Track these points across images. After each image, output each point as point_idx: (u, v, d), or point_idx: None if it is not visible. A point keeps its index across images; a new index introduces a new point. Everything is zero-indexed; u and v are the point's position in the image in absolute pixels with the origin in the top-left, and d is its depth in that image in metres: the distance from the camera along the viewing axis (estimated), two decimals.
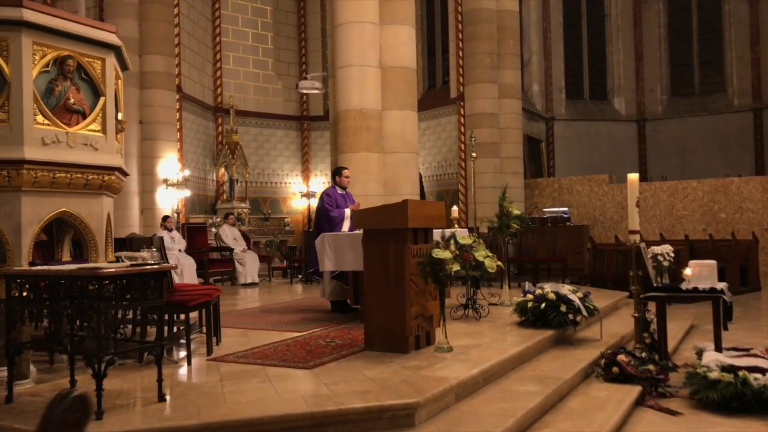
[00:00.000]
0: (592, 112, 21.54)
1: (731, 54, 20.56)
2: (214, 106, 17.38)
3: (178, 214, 14.20)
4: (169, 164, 14.28)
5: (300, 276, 12.38)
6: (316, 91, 14.71)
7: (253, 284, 11.78)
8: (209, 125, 17.17)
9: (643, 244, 6.03)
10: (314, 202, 16.09)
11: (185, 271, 10.47)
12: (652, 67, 21.56)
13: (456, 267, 4.90)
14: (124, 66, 5.52)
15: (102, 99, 4.94)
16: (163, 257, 5.28)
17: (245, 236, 12.74)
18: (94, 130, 4.89)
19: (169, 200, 14.24)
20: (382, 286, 5.00)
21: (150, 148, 14.22)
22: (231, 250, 11.75)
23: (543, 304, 5.94)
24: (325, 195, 7.51)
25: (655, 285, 5.86)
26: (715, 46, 20.93)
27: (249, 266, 11.76)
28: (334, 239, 6.49)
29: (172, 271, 10.35)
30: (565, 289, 6.11)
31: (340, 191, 7.62)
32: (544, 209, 16.11)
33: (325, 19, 15.08)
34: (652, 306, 6.00)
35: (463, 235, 6.75)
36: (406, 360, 4.72)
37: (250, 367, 4.60)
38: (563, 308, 5.90)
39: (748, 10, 20.05)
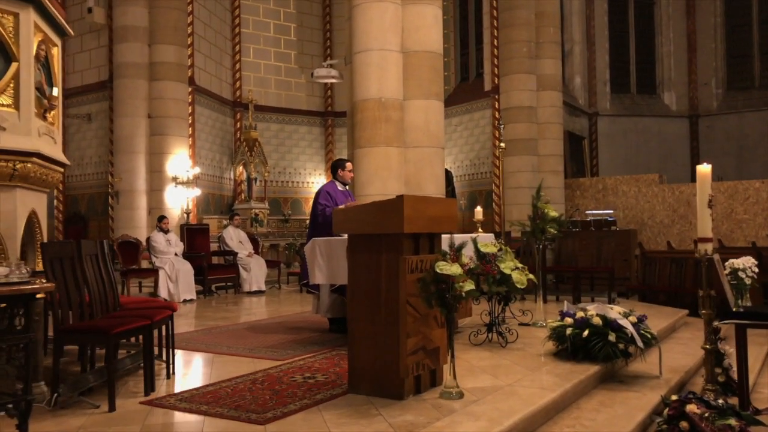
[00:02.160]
0: (639, 107, 19.90)
1: None
2: (233, 101, 16.39)
3: (188, 214, 13.21)
4: (180, 161, 13.32)
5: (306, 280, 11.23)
6: (333, 80, 13.55)
7: (259, 292, 10.67)
8: (227, 120, 16.18)
9: (716, 256, 4.69)
10: None
11: (180, 278, 9.42)
12: (707, 58, 19.81)
13: (469, 286, 3.66)
14: (59, 30, 4.42)
15: (14, 65, 3.84)
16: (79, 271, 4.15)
17: (253, 239, 11.64)
18: (1, 105, 3.79)
19: (178, 199, 13.27)
20: (370, 309, 3.79)
21: (159, 143, 13.28)
22: (235, 254, 10.67)
23: (586, 332, 4.64)
24: (324, 192, 6.29)
25: (734, 309, 4.50)
26: None
27: (255, 272, 10.65)
28: (327, 245, 5.29)
29: (166, 281, 9.41)
30: (614, 312, 4.79)
31: (341, 187, 6.40)
32: (587, 212, 14.65)
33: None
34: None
35: (485, 242, 5.49)
36: (399, 411, 3.49)
37: (188, 417, 3.44)
38: (612, 337, 4.59)
39: None
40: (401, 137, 8.74)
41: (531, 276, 5.46)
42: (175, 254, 9.75)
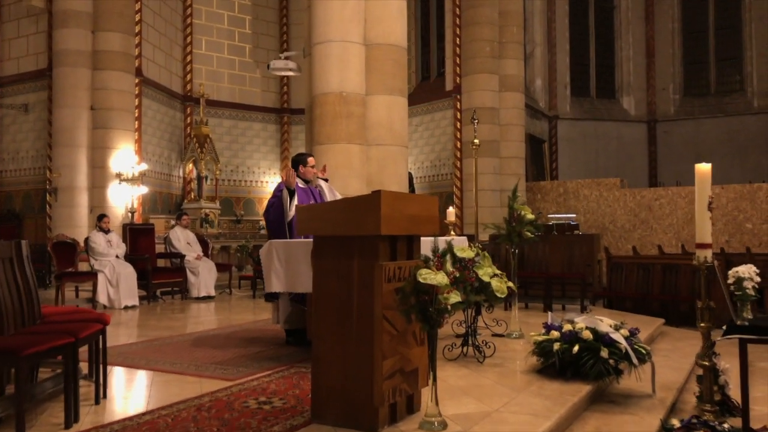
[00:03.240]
0: (599, 111, 19.84)
1: (751, 51, 18.91)
2: (183, 95, 15.55)
3: (133, 213, 12.36)
4: (125, 157, 12.46)
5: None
6: (291, 73, 12.94)
7: (207, 298, 9.93)
8: (176, 115, 15.34)
9: (716, 263, 4.29)
10: None
11: (122, 282, 8.65)
12: (665, 64, 19.88)
13: (455, 298, 3.14)
14: None
15: None
16: None
17: (202, 241, 10.89)
18: None
19: (123, 198, 12.42)
20: (339, 324, 3.23)
21: (102, 137, 12.39)
22: (182, 256, 9.92)
23: (576, 347, 4.17)
24: (277, 190, 5.66)
25: (738, 323, 4.08)
26: (734, 42, 19.28)
27: (203, 276, 9.91)
28: (285, 248, 4.70)
29: (106, 286, 8.62)
30: (605, 325, 4.34)
31: (302, 185, 5.79)
32: (549, 215, 14.37)
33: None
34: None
35: (461, 246, 4.98)
36: None
37: None
38: (604, 353, 4.13)
39: None
40: (363, 134, 8.29)
41: (510, 284, 4.97)
42: (117, 256, 8.97)
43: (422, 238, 3.65)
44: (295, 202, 5.41)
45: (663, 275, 9.74)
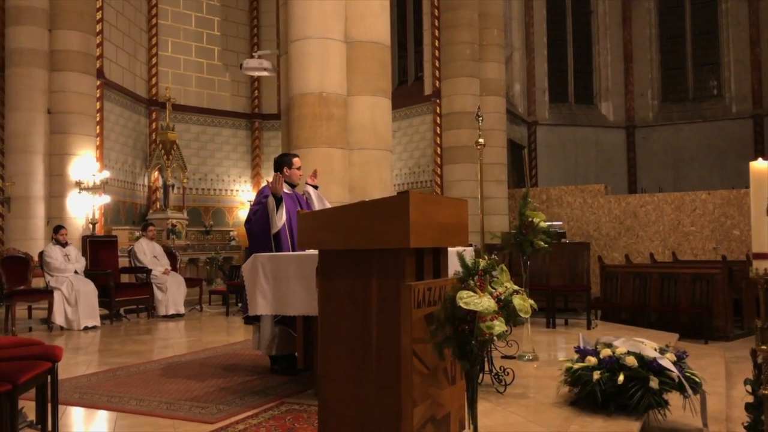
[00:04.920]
0: (577, 116, 19.48)
1: (728, 56, 18.75)
2: (148, 99, 14.68)
3: (94, 224, 11.47)
4: (85, 164, 11.58)
5: (240, 304, 9.80)
6: (265, 73, 12.20)
7: (176, 316, 9.12)
8: (141, 120, 14.46)
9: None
10: None
11: (81, 300, 7.81)
12: (643, 69, 19.63)
13: (500, 327, 2.50)
14: None
15: None
16: None
17: (170, 253, 10.06)
18: None
19: (83, 207, 11.53)
20: (353, 361, 2.56)
21: (61, 143, 11.50)
22: (148, 271, 9.09)
23: (621, 376, 3.55)
24: (262, 196, 4.92)
25: None
26: (711, 47, 19.11)
27: (172, 292, 9.09)
28: (273, 264, 4.00)
29: (63, 305, 7.78)
30: (650, 349, 3.73)
31: (288, 190, 5.08)
32: None
33: (280, 2, 12.59)
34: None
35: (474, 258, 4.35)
36: None
37: None
38: (654, 383, 3.52)
39: (747, 8, 18.28)
40: (345, 137, 7.73)
41: (532, 301, 4.36)
42: (75, 272, 8.12)
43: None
44: (284, 210, 4.71)
45: (661, 285, 9.31)
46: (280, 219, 4.65)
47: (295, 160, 5.22)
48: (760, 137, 18.11)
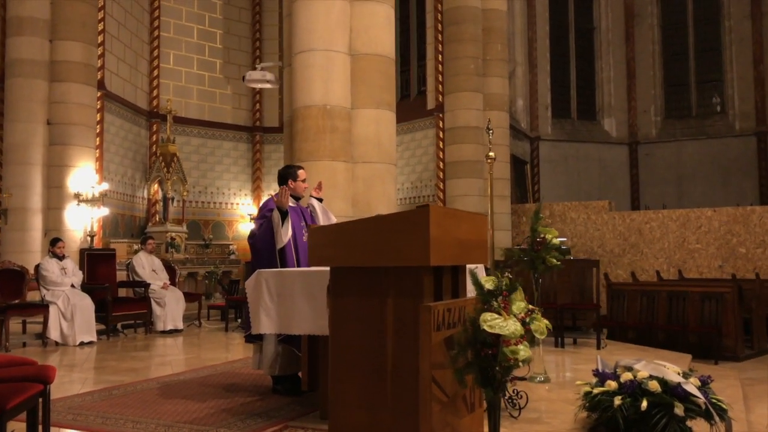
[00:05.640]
0: (580, 132, 19.40)
1: (732, 73, 18.70)
2: (149, 111, 14.58)
3: (92, 237, 11.31)
4: (84, 176, 11.43)
5: (240, 320, 9.60)
6: (268, 85, 12.11)
7: (175, 331, 8.92)
8: (141, 132, 14.34)
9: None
10: None
11: (77, 315, 7.62)
12: (645, 86, 19.57)
13: (525, 352, 2.34)
14: None
15: None
16: None
17: (169, 267, 9.88)
18: None
19: (81, 220, 11.37)
20: (366, 386, 2.38)
21: (60, 155, 11.38)
22: (147, 285, 8.90)
23: (644, 402, 3.37)
24: (266, 210, 4.76)
25: None
26: (714, 64, 19.07)
27: (170, 307, 8.90)
28: (278, 280, 3.83)
29: (58, 320, 7.59)
30: (673, 374, 3.56)
31: (293, 203, 4.93)
32: None
33: (283, 16, 12.50)
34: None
35: (486, 277, 4.18)
36: None
37: None
38: (679, 410, 3.35)
39: (751, 26, 18.27)
40: (348, 150, 7.60)
41: (546, 321, 4.19)
42: (72, 286, 7.93)
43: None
44: (289, 225, 4.55)
45: (669, 303, 9.13)
46: (286, 234, 4.49)
47: (300, 172, 5.06)
48: (764, 154, 18.01)
